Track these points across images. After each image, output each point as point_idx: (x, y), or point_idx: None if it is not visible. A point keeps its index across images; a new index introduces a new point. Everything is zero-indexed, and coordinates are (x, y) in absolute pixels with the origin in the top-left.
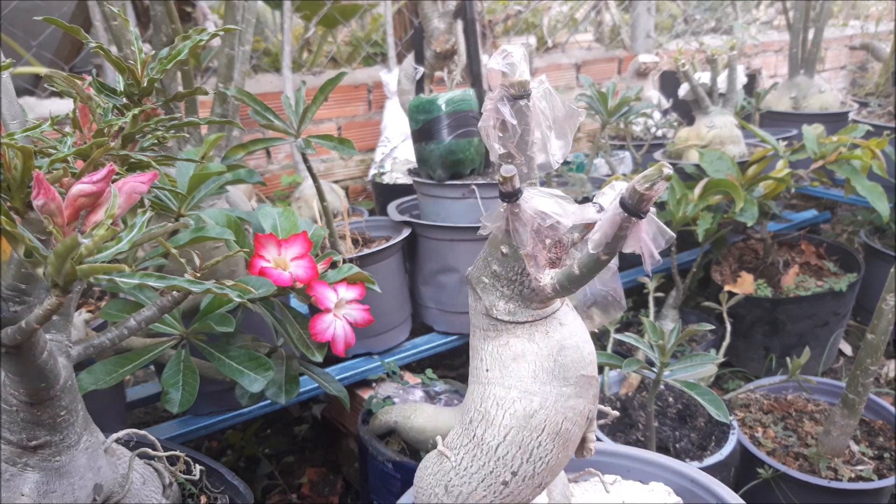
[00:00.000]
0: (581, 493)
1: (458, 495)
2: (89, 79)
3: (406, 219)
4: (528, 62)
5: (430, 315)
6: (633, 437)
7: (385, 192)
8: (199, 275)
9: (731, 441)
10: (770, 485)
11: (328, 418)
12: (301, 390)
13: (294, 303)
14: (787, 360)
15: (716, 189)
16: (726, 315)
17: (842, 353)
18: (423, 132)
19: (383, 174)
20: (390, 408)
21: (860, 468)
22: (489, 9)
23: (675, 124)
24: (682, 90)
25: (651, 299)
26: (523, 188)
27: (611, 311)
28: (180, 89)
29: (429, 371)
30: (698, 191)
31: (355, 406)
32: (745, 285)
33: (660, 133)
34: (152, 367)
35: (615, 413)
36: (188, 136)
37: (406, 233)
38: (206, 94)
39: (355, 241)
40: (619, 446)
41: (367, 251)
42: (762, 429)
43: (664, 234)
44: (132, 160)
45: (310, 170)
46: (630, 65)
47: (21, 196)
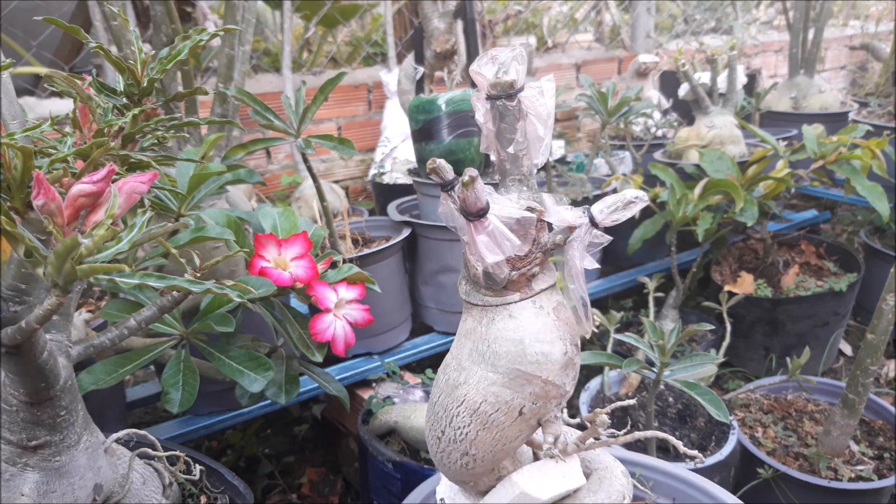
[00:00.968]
0: None
1: (426, 430)
2: (89, 79)
3: (406, 219)
4: (521, 62)
5: (430, 315)
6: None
7: (385, 192)
8: (199, 275)
9: (731, 441)
10: (770, 485)
11: (328, 418)
12: (301, 390)
13: (294, 303)
14: (787, 360)
15: (716, 189)
16: (726, 315)
17: (842, 353)
18: (423, 132)
19: (383, 174)
20: (390, 408)
21: (860, 468)
22: (489, 9)
23: (675, 124)
24: (682, 90)
25: (651, 299)
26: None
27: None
28: (180, 89)
29: (429, 371)
30: (698, 191)
31: (355, 406)
32: (745, 285)
33: (660, 133)
34: (152, 367)
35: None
36: (188, 136)
37: (406, 233)
38: (206, 94)
39: (355, 241)
40: (610, 450)
41: (367, 251)
42: (762, 429)
43: (503, 239)
44: (132, 160)
45: (310, 170)
46: (630, 65)
47: (21, 196)
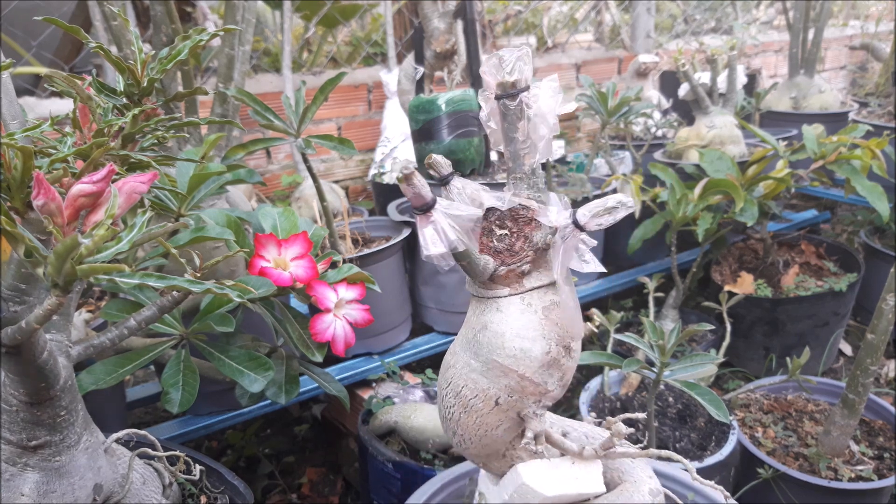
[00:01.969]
0: None
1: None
2: (89, 79)
3: (406, 219)
4: (526, 63)
5: (430, 315)
6: (633, 438)
7: (385, 192)
8: (199, 275)
9: (731, 441)
10: (770, 485)
11: (328, 418)
12: (301, 390)
13: (294, 303)
14: (787, 360)
15: (716, 189)
16: (726, 315)
17: (842, 353)
18: (423, 132)
19: (383, 174)
20: (390, 408)
21: (860, 468)
22: (489, 9)
23: (675, 124)
24: (682, 90)
25: (651, 299)
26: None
27: None
28: (180, 89)
29: (429, 371)
30: (698, 191)
31: (355, 406)
32: (745, 285)
33: (660, 133)
34: (152, 367)
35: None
36: (188, 136)
37: (406, 233)
38: (206, 94)
39: (355, 241)
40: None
41: (367, 251)
42: (762, 429)
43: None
44: (132, 160)
45: (310, 170)
46: (630, 65)
47: (21, 196)
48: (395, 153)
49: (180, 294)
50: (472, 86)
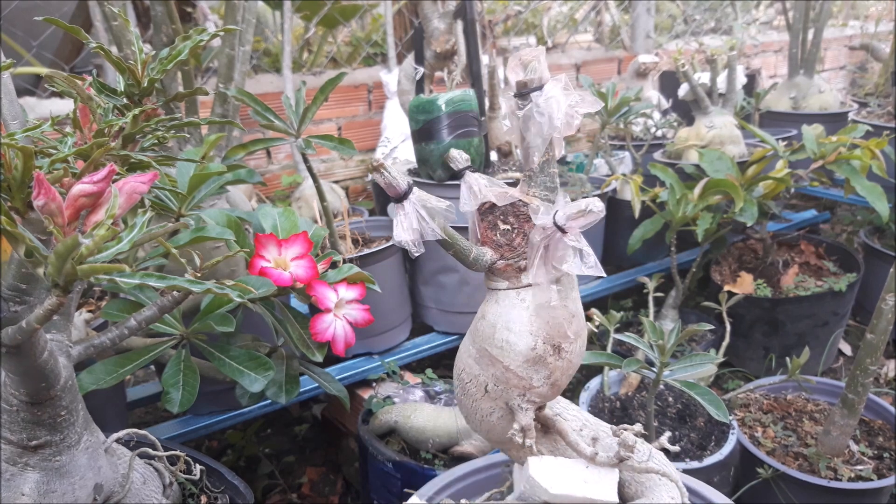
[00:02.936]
0: None
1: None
2: (90, 79)
3: None
4: (541, 62)
5: (430, 315)
6: None
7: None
8: (199, 275)
9: (730, 441)
10: (770, 485)
11: (328, 418)
12: (301, 390)
13: (294, 303)
14: (787, 360)
15: (715, 189)
16: (726, 315)
17: (841, 353)
18: (423, 132)
19: None
20: (390, 408)
21: (860, 468)
22: (489, 9)
23: (675, 124)
24: (682, 90)
25: (651, 299)
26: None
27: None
28: (180, 89)
29: (429, 371)
30: (698, 191)
31: (355, 406)
32: (745, 285)
33: (659, 133)
34: (152, 367)
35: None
36: (188, 136)
37: None
38: (207, 94)
39: (355, 241)
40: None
41: (367, 251)
42: (762, 429)
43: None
44: (132, 160)
45: (310, 170)
46: (630, 65)
47: (21, 196)
48: (395, 153)
49: (180, 294)
50: (472, 86)
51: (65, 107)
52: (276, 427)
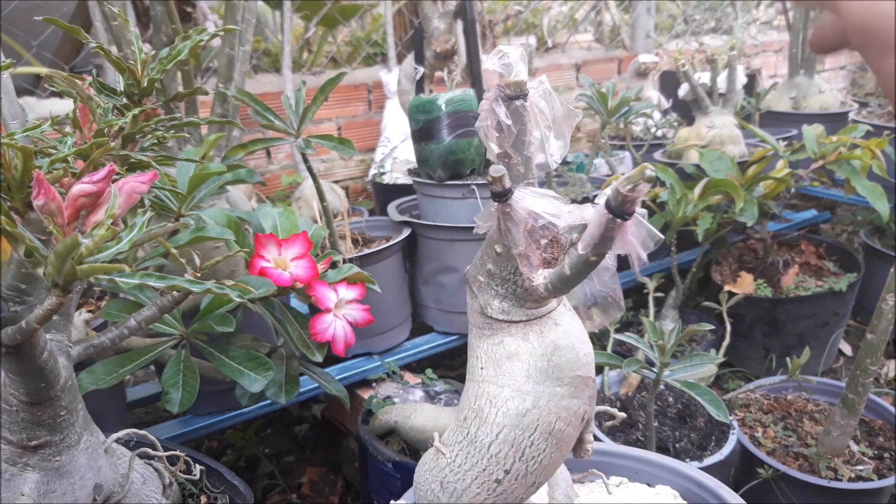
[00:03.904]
0: (586, 493)
1: (452, 492)
2: (89, 79)
3: (406, 219)
4: (526, 62)
5: (430, 315)
6: (633, 437)
7: (385, 192)
8: (199, 275)
9: (730, 441)
10: (770, 485)
11: (328, 418)
12: (301, 390)
13: (294, 303)
14: (787, 360)
15: (716, 189)
16: (726, 315)
17: (842, 353)
18: (423, 132)
19: (383, 174)
20: (390, 408)
21: (860, 468)
22: (489, 9)
23: (675, 124)
24: (682, 90)
25: (651, 299)
26: (516, 188)
27: (610, 312)
28: (180, 89)
29: (429, 371)
30: (698, 191)
31: (355, 406)
32: (745, 285)
33: (660, 133)
34: (152, 367)
35: (622, 415)
36: (188, 136)
37: (406, 233)
38: (207, 94)
39: (355, 241)
40: (627, 448)
41: (367, 251)
42: (762, 429)
43: (653, 236)
44: (132, 160)
45: (310, 170)
46: (630, 65)
47: (21, 196)
48: (395, 153)
49: (180, 294)
50: (472, 86)
51: (64, 107)
52: (276, 427)
